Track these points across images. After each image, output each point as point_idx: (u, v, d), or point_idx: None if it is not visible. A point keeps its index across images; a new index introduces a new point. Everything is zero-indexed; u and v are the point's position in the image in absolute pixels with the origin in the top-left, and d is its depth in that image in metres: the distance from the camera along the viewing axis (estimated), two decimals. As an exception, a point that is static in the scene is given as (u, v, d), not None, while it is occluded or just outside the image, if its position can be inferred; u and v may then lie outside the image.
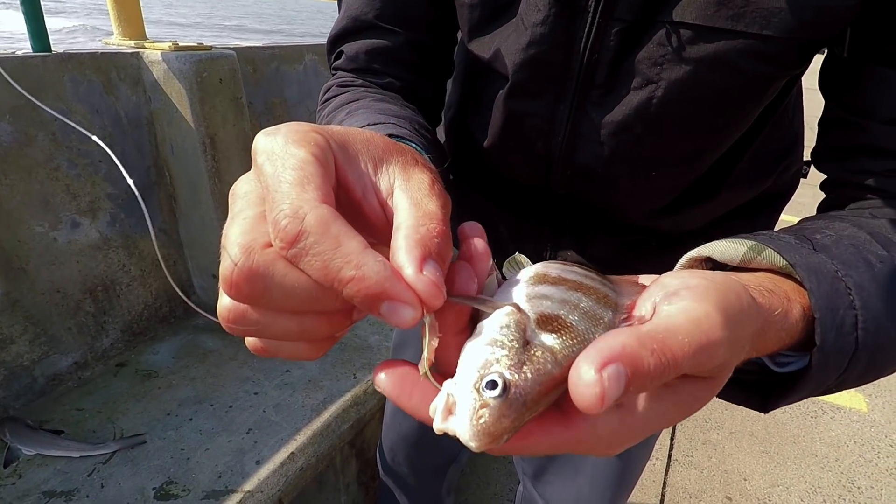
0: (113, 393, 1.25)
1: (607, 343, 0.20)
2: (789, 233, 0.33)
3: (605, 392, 0.19)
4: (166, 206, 1.41)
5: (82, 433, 1.12)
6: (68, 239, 1.20)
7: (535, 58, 0.44)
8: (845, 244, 0.31)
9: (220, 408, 1.24)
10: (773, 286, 0.28)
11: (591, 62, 0.43)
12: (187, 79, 1.21)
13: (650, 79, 0.41)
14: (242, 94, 1.34)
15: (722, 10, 0.37)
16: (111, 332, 1.35)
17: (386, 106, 0.46)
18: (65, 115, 1.13)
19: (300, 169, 0.21)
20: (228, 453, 1.11)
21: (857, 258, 0.30)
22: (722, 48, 0.38)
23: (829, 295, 0.27)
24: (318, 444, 1.19)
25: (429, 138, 0.44)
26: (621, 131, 0.45)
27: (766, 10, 0.36)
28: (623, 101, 0.43)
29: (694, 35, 0.38)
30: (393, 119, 0.42)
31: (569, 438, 0.22)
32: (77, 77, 1.14)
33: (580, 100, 0.45)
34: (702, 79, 0.40)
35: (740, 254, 0.30)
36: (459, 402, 0.21)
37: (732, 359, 0.22)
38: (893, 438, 1.88)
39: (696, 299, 0.21)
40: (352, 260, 0.20)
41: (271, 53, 1.59)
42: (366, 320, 1.61)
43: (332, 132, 0.24)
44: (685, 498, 1.61)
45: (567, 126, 0.47)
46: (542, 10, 0.42)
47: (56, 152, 1.13)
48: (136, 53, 1.23)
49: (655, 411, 0.22)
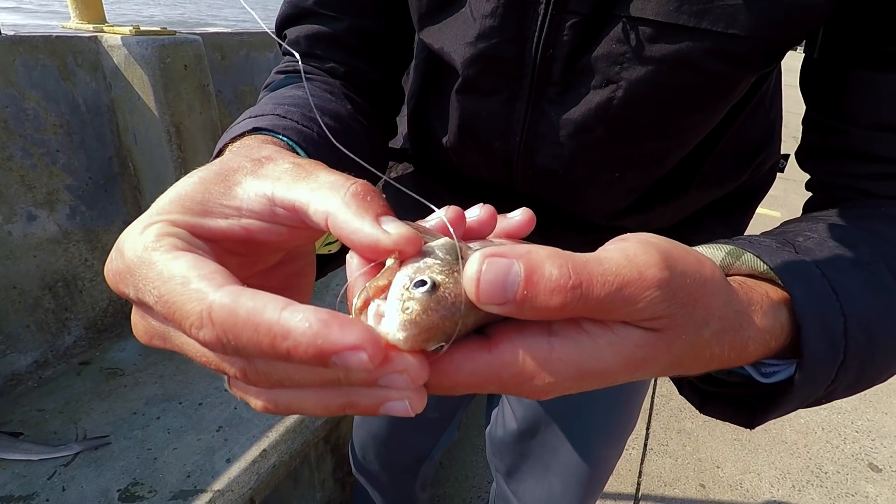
0: (76, 392, 1.21)
1: (516, 245, 0.18)
2: (770, 236, 0.32)
3: (480, 276, 0.17)
4: (130, 198, 1.36)
5: (43, 435, 1.08)
6: (24, 232, 1.15)
7: (484, 53, 0.41)
8: (830, 245, 0.29)
9: (190, 405, 1.20)
10: (754, 284, 0.26)
11: (545, 58, 0.40)
12: (149, 64, 1.15)
13: (610, 78, 0.39)
14: (209, 81, 1.29)
15: (684, 7, 0.34)
16: (73, 330, 1.30)
17: (289, 94, 0.43)
18: (17, 101, 1.07)
19: (173, 275, 0.19)
20: (198, 452, 1.09)
21: (845, 260, 0.28)
22: (685, 48, 0.36)
23: (815, 300, 0.25)
24: (291, 441, 1.17)
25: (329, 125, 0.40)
26: (581, 132, 0.42)
27: (731, 7, 0.33)
28: (582, 100, 0.41)
29: (654, 33, 0.36)
30: (282, 109, 0.39)
31: (493, 363, 0.20)
32: (29, 61, 1.08)
33: (537, 98, 0.42)
34: (664, 79, 0.38)
35: (718, 259, 0.28)
36: (388, 302, 0.20)
37: (683, 318, 0.20)
38: (859, 424, 1.94)
39: (641, 242, 0.19)
40: (275, 333, 0.17)
41: (240, 40, 1.54)
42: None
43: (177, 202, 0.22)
44: (660, 486, 1.63)
45: (524, 126, 0.44)
46: (491, 2, 0.40)
47: (8, 141, 1.07)
48: (94, 38, 1.17)
49: (588, 350, 0.19)
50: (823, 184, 0.42)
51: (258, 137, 0.35)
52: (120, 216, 1.34)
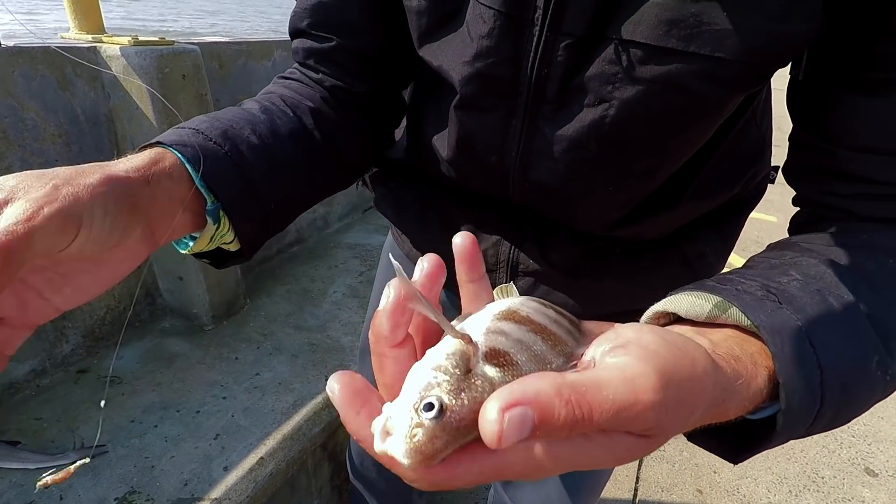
0: (73, 401, 1.21)
1: (523, 385, 0.20)
2: (757, 275, 0.32)
3: (502, 432, 0.19)
4: (129, 207, 1.37)
5: (40, 443, 1.08)
6: (23, 241, 1.15)
7: (482, 72, 0.43)
8: (812, 290, 0.30)
9: (187, 413, 1.21)
10: (740, 350, 0.27)
11: (540, 77, 0.41)
12: (148, 74, 1.16)
13: (603, 97, 0.40)
14: (207, 90, 1.30)
15: (673, 31, 0.35)
16: (71, 338, 1.30)
17: (237, 109, 0.50)
18: (16, 111, 1.08)
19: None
20: (195, 460, 1.09)
21: (823, 307, 0.29)
22: (674, 70, 0.37)
23: (794, 357, 0.27)
24: (288, 449, 1.17)
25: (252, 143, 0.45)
26: (575, 148, 0.43)
27: (718, 32, 0.34)
28: (576, 117, 0.42)
29: (645, 55, 0.37)
30: (205, 125, 0.43)
31: (496, 463, 0.21)
32: (28, 72, 1.09)
33: (532, 115, 0.44)
34: (655, 99, 0.39)
35: (706, 311, 0.29)
36: (397, 421, 0.22)
37: (672, 423, 0.22)
38: (855, 429, 1.95)
39: (640, 357, 0.21)
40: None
41: (238, 49, 1.55)
42: (337, 321, 1.59)
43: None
44: (657, 491, 1.63)
45: (520, 142, 0.45)
46: (488, 23, 0.41)
47: (7, 151, 1.08)
48: (93, 48, 1.19)
49: (583, 452, 0.21)
50: (810, 202, 0.43)
51: (151, 150, 0.39)
52: (118, 224, 1.35)
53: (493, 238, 0.57)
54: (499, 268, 0.57)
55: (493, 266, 0.57)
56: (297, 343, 1.48)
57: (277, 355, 1.42)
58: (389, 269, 0.78)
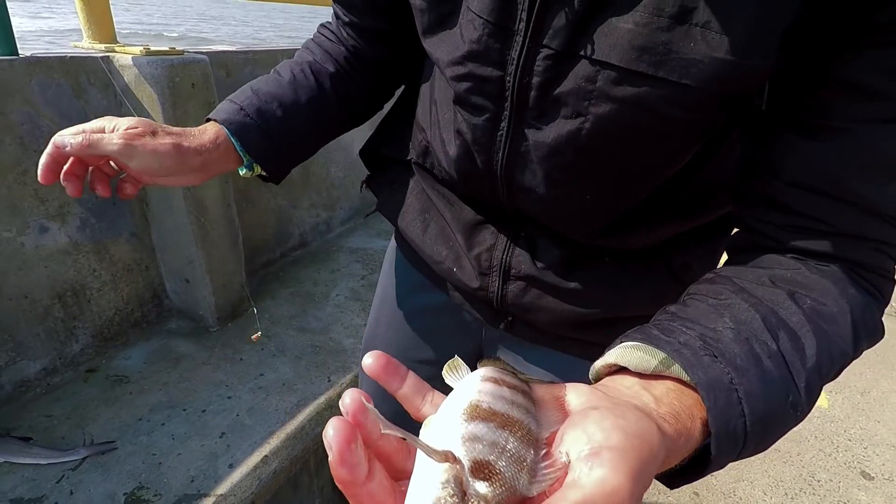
0: (83, 399, 1.24)
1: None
2: (696, 323, 0.36)
3: None
4: (138, 210, 1.40)
5: (51, 440, 1.12)
6: (36, 244, 1.19)
7: (472, 72, 0.46)
8: (742, 338, 0.34)
9: (193, 412, 1.24)
10: (680, 404, 0.32)
11: (522, 85, 0.44)
12: (158, 83, 1.21)
13: (579, 111, 0.42)
14: (216, 98, 1.34)
15: (644, 56, 0.38)
16: (81, 338, 1.34)
17: (266, 81, 0.65)
18: (33, 119, 1.12)
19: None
20: (201, 457, 1.12)
21: (750, 358, 0.34)
22: (644, 92, 0.39)
23: (725, 410, 0.32)
24: (291, 447, 1.20)
25: (276, 114, 0.62)
26: (554, 155, 0.46)
27: (685, 60, 0.37)
28: (555, 126, 0.44)
29: (619, 76, 0.39)
30: (246, 100, 0.61)
31: None
32: (45, 81, 1.13)
33: (517, 120, 0.46)
34: (627, 118, 0.41)
35: (652, 367, 0.33)
36: None
37: (638, 500, 0.25)
38: (851, 433, 1.97)
39: (615, 467, 0.24)
40: None
41: (245, 58, 1.59)
42: (339, 323, 1.62)
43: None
44: (654, 494, 1.66)
45: (506, 144, 0.48)
46: (477, 29, 0.44)
47: (24, 157, 1.12)
48: (106, 57, 1.23)
49: None
50: (746, 226, 0.45)
51: (215, 127, 0.59)
52: (127, 228, 1.39)
53: (487, 242, 0.60)
54: (492, 271, 0.60)
55: (486, 270, 0.60)
56: (300, 345, 1.51)
57: (281, 356, 1.45)
58: (391, 274, 0.81)
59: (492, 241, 0.59)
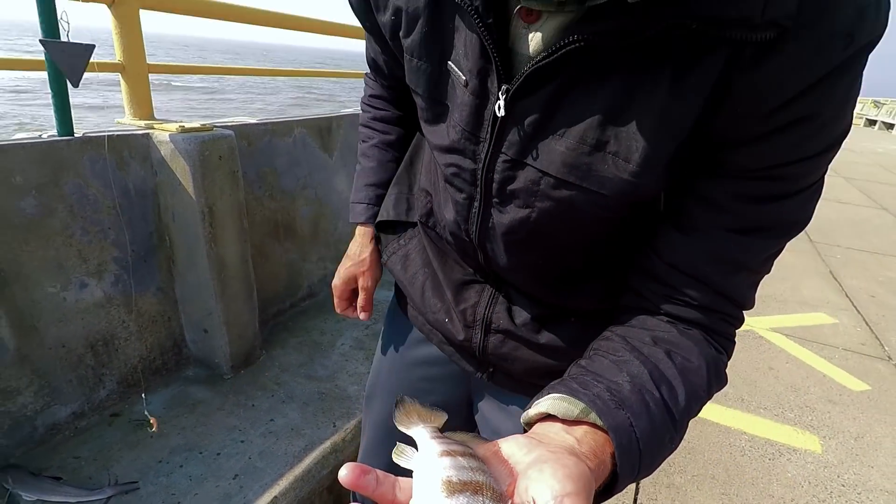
0: (107, 441, 1.34)
1: None
2: (603, 377, 0.47)
3: None
4: (165, 267, 1.55)
5: (79, 480, 1.21)
6: (76, 298, 1.33)
7: (454, 162, 0.60)
8: (636, 390, 0.45)
9: (209, 455, 1.33)
10: (595, 443, 0.41)
11: (488, 178, 0.57)
12: (191, 157, 1.38)
13: (528, 204, 0.56)
14: (239, 168, 1.51)
15: (573, 171, 0.51)
16: (108, 384, 1.45)
17: (366, 168, 0.89)
18: (82, 189, 1.28)
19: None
20: (216, 498, 1.20)
21: (642, 407, 0.44)
22: (574, 195, 0.52)
23: (627, 447, 0.42)
24: (299, 489, 1.29)
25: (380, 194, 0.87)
26: (510, 232, 0.59)
27: (601, 176, 0.50)
28: (511, 211, 0.57)
29: (556, 183, 0.52)
30: (367, 195, 0.87)
31: None
32: (94, 156, 1.30)
33: (486, 203, 0.59)
34: (564, 212, 0.54)
35: (574, 415, 0.43)
36: None
37: None
38: (845, 479, 2.00)
39: None
40: None
41: (264, 129, 1.78)
42: (345, 371, 1.73)
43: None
44: (649, 538, 1.69)
45: (478, 219, 0.61)
46: (458, 133, 0.57)
47: (72, 222, 1.27)
48: (146, 134, 1.40)
49: None
50: (634, 289, 0.58)
51: (368, 230, 0.89)
52: (154, 283, 1.53)
53: (472, 299, 0.72)
54: (475, 324, 0.71)
55: (470, 323, 0.72)
56: (307, 391, 1.61)
57: (290, 403, 1.55)
58: (394, 324, 0.93)
59: (476, 299, 0.71)
